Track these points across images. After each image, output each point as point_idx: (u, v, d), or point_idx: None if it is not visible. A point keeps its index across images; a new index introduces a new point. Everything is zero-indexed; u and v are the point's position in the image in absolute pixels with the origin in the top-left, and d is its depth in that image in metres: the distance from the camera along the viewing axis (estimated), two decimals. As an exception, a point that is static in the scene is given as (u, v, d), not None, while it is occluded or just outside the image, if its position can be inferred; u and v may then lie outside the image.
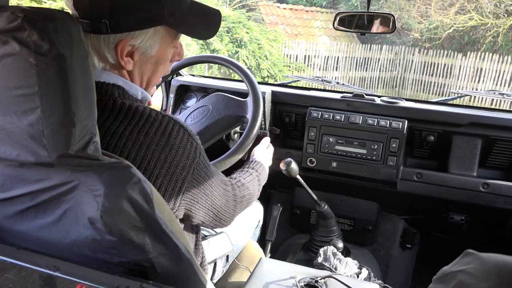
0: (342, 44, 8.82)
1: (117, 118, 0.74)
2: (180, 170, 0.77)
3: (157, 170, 0.74)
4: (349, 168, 1.61)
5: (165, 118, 0.77)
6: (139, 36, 0.76)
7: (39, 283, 0.54)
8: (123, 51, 0.76)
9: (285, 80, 2.04)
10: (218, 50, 6.54)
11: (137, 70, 0.82)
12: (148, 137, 0.74)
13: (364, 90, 1.73)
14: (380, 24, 1.52)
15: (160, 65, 0.85)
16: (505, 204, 1.49)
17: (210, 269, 1.19)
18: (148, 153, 0.74)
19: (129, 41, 0.76)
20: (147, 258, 0.61)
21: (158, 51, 0.81)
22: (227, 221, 0.99)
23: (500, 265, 0.46)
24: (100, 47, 0.76)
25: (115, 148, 0.73)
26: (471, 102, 6.61)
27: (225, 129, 1.42)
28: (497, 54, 7.74)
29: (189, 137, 0.79)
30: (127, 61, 0.78)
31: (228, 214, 0.99)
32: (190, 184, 0.80)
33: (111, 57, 0.77)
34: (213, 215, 0.92)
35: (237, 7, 8.77)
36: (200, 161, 0.81)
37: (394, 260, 1.89)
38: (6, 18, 0.54)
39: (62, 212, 0.60)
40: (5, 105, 0.57)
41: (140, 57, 0.80)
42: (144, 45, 0.78)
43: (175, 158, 0.76)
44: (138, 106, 0.77)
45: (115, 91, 0.77)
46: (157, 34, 0.78)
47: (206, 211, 0.88)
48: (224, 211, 0.96)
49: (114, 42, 0.75)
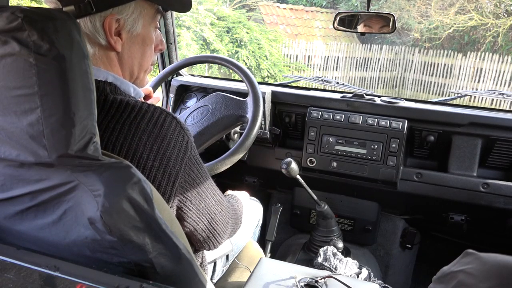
0: (342, 44, 8.82)
1: (109, 113, 0.74)
2: (173, 163, 0.76)
3: (150, 162, 0.74)
4: (349, 168, 1.61)
5: (157, 109, 0.77)
6: (123, 11, 0.78)
7: (39, 283, 0.54)
8: (111, 27, 0.78)
9: (285, 80, 2.04)
10: (218, 50, 6.54)
11: (126, 53, 0.83)
12: (139, 129, 0.74)
13: (364, 90, 1.73)
14: (380, 24, 1.52)
15: (147, 46, 0.86)
16: (505, 204, 1.49)
17: (210, 269, 1.19)
18: (140, 144, 0.73)
19: (115, 16, 0.77)
20: (147, 258, 0.61)
21: (142, 29, 0.83)
22: (220, 236, 0.95)
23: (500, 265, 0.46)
24: (89, 29, 0.77)
25: (107, 143, 0.73)
26: (471, 102, 6.61)
27: (225, 129, 1.42)
28: (497, 54, 7.74)
29: (181, 130, 0.78)
30: (116, 39, 0.79)
31: (222, 227, 0.94)
32: (183, 179, 0.78)
33: (101, 37, 0.78)
34: (207, 222, 0.89)
35: (237, 7, 8.78)
36: (191, 156, 0.80)
37: (394, 260, 1.89)
38: (6, 18, 0.54)
39: (62, 212, 0.60)
40: (5, 105, 0.57)
41: (128, 36, 0.81)
42: (129, 20, 0.80)
43: (168, 149, 0.75)
44: (130, 100, 0.77)
45: (106, 87, 0.78)
46: (138, 8, 0.80)
47: (199, 214, 0.86)
48: (218, 220, 0.92)
49: (100, 20, 0.77)
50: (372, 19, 1.52)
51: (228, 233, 1.00)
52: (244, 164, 1.81)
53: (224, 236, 0.98)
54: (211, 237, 0.92)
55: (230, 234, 1.05)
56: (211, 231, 0.91)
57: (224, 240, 0.99)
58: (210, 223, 0.90)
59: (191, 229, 0.87)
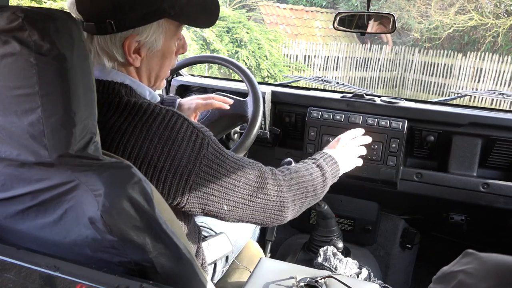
0: (342, 44, 8.82)
1: (122, 115, 0.75)
2: (185, 163, 0.76)
3: (161, 163, 0.74)
4: None
5: (169, 112, 0.77)
6: (144, 32, 0.79)
7: (39, 283, 0.54)
8: (130, 47, 0.79)
9: (285, 80, 2.04)
10: (218, 50, 6.54)
11: (144, 67, 0.84)
12: (151, 131, 0.74)
13: (364, 90, 1.73)
14: (380, 24, 1.52)
15: (166, 59, 0.87)
16: (505, 204, 1.49)
17: (210, 270, 1.19)
18: (151, 147, 0.74)
19: (135, 38, 0.78)
20: (147, 258, 0.61)
21: (163, 45, 0.83)
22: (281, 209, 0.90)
23: (500, 265, 0.46)
24: (108, 47, 0.78)
25: (118, 144, 0.73)
26: (471, 102, 6.61)
27: (225, 129, 1.42)
28: (497, 54, 7.74)
29: (193, 129, 0.78)
30: (135, 57, 0.80)
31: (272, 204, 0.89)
32: (199, 177, 0.77)
33: (119, 55, 0.79)
34: (248, 207, 0.85)
35: (237, 7, 8.78)
36: (208, 153, 0.78)
37: (394, 260, 1.89)
38: (6, 18, 0.54)
39: (62, 212, 0.60)
40: (5, 105, 0.57)
41: (147, 53, 0.82)
42: (150, 40, 0.80)
43: (179, 150, 0.75)
44: (143, 102, 0.77)
45: (122, 89, 0.79)
46: (160, 28, 0.81)
47: (233, 204, 0.83)
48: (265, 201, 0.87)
49: (121, 40, 0.78)
50: (372, 19, 1.52)
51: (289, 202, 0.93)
52: (244, 164, 1.81)
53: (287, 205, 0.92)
54: (264, 215, 0.89)
55: (302, 203, 0.97)
56: (259, 211, 0.88)
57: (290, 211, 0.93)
58: (254, 206, 0.86)
59: (235, 217, 0.85)
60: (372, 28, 1.53)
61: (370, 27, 1.52)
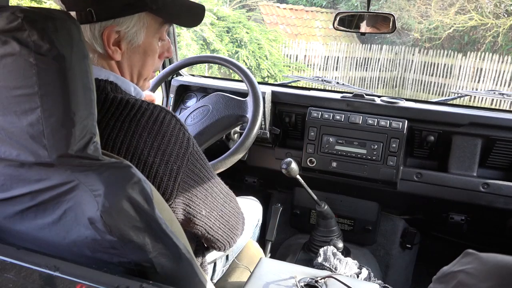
0: (342, 44, 8.82)
1: (109, 111, 0.75)
2: (174, 159, 0.76)
3: (151, 158, 0.74)
4: (349, 168, 1.61)
5: (157, 107, 0.77)
6: (124, 23, 0.78)
7: (39, 283, 0.54)
8: (110, 38, 0.78)
9: (285, 80, 2.04)
10: (218, 50, 6.54)
11: (126, 62, 0.83)
12: (139, 126, 0.74)
13: (364, 90, 1.73)
14: (380, 24, 1.52)
15: (148, 56, 0.85)
16: (505, 204, 1.49)
17: (210, 269, 1.19)
18: (141, 141, 0.74)
19: (115, 28, 0.77)
20: (147, 258, 0.61)
21: (144, 41, 0.82)
22: (235, 228, 0.94)
23: (500, 265, 0.46)
24: (88, 37, 0.77)
25: (107, 140, 0.73)
26: (471, 102, 6.61)
27: (225, 129, 1.42)
28: (497, 54, 7.74)
29: (181, 127, 0.78)
30: (114, 50, 0.79)
31: (234, 219, 0.93)
32: (185, 174, 0.78)
33: (99, 46, 0.78)
34: (218, 216, 0.88)
35: (237, 7, 8.78)
36: (194, 151, 0.80)
37: (394, 260, 1.89)
38: (6, 18, 0.54)
39: (62, 212, 0.60)
40: (5, 105, 0.57)
41: (128, 47, 0.81)
42: (130, 32, 0.79)
43: (168, 146, 0.75)
44: (130, 98, 0.77)
45: (107, 86, 0.78)
46: (141, 21, 0.80)
47: (208, 209, 0.85)
48: (229, 212, 0.91)
49: (100, 30, 0.77)
50: (372, 19, 1.52)
51: (241, 226, 0.99)
52: (244, 164, 1.81)
53: (238, 228, 0.97)
54: (227, 231, 0.92)
55: (243, 228, 1.03)
56: (225, 225, 0.91)
57: (239, 234, 0.98)
58: (222, 216, 0.90)
59: (205, 226, 0.86)
60: (372, 28, 1.53)
61: (370, 27, 1.52)
